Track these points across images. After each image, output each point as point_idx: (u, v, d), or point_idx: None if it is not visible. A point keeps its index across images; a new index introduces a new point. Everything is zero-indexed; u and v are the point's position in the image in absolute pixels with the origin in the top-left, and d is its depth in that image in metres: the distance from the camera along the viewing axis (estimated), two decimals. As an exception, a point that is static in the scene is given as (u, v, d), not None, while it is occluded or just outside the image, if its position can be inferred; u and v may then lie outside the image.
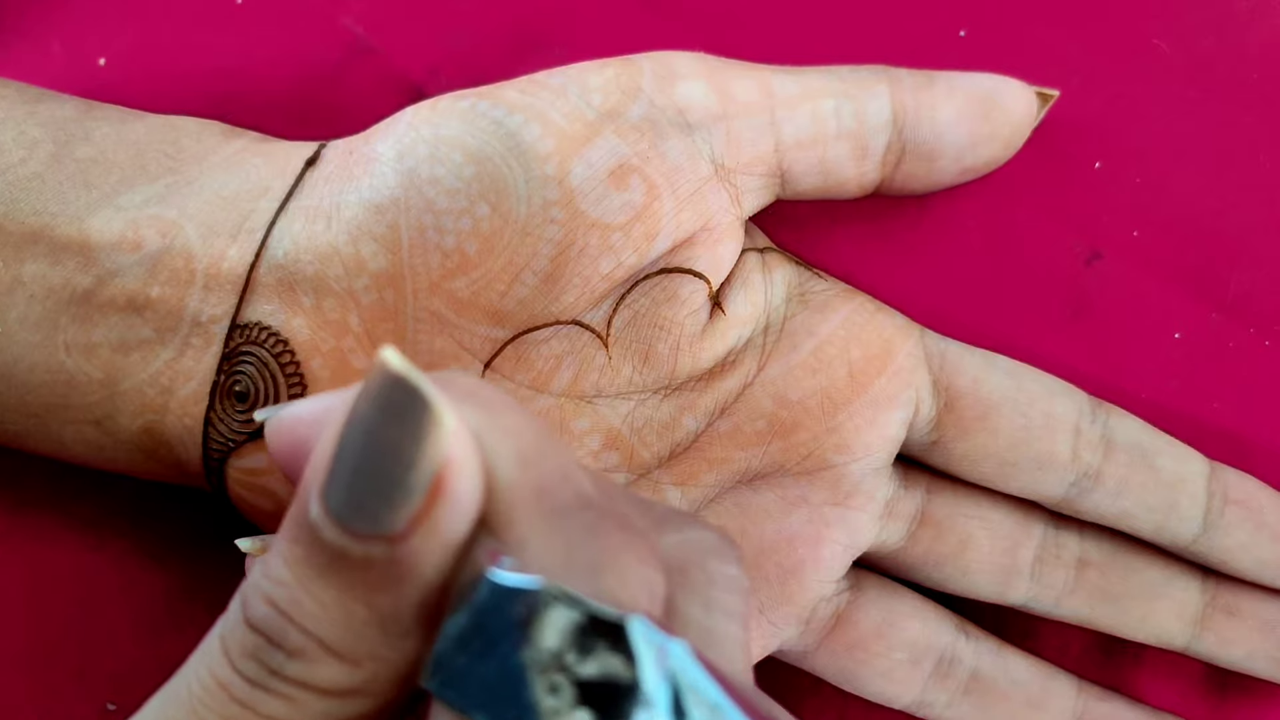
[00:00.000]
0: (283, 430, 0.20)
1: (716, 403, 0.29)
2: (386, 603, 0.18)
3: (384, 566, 0.18)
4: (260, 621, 0.18)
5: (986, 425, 0.29)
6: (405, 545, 0.18)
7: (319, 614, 0.18)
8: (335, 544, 0.18)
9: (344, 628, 0.18)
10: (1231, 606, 0.30)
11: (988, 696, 0.30)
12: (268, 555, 0.19)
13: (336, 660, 0.18)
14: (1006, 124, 0.28)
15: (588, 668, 0.16)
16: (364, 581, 0.18)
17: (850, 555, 0.29)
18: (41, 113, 0.28)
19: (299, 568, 0.18)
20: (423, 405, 0.18)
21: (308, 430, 0.20)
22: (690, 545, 0.20)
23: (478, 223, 0.26)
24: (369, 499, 0.18)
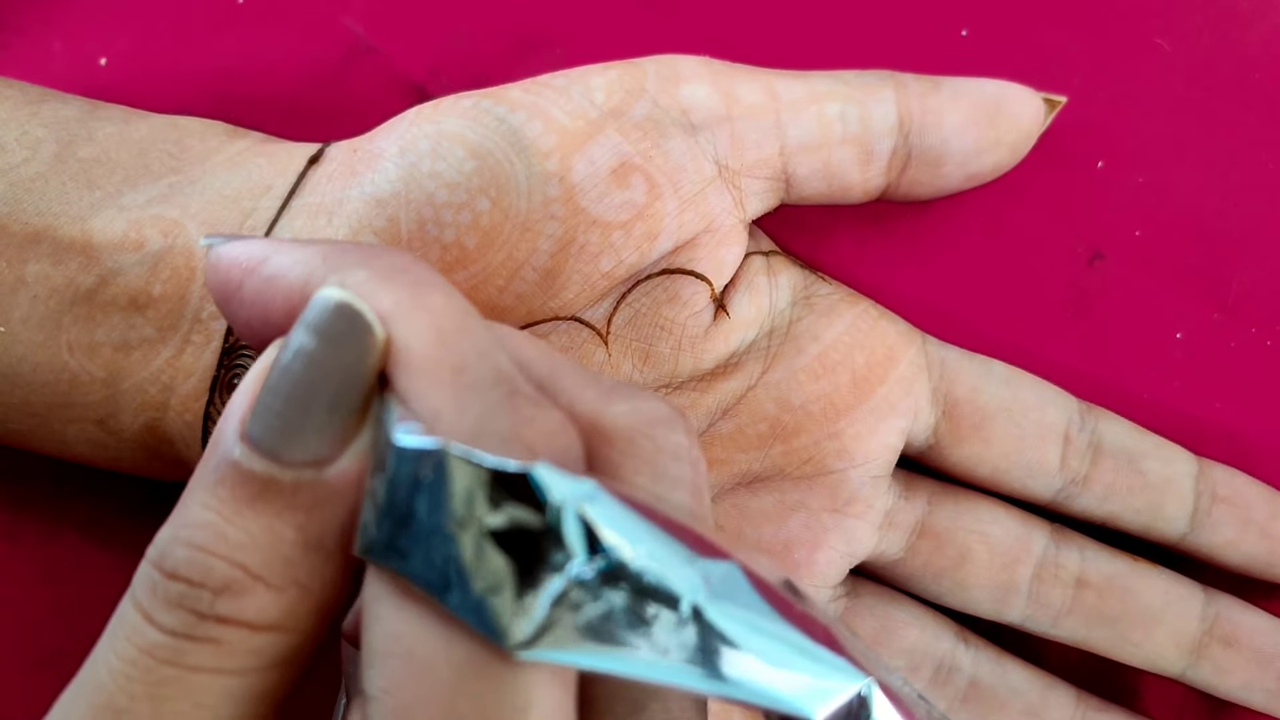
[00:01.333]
0: (219, 268, 0.21)
1: (719, 404, 0.29)
2: (314, 524, 0.18)
3: (312, 489, 0.18)
4: (182, 565, 0.18)
5: (981, 434, 0.30)
6: (334, 466, 0.18)
7: (246, 543, 0.18)
8: (263, 474, 0.18)
9: (271, 553, 0.18)
10: (1229, 636, 0.30)
11: (986, 705, 0.30)
12: (177, 511, 0.19)
13: (264, 587, 0.18)
14: (1013, 130, 0.28)
15: (497, 518, 0.17)
16: (291, 506, 0.18)
17: (848, 562, 0.29)
18: (45, 113, 0.28)
19: (222, 505, 0.18)
20: (363, 329, 0.18)
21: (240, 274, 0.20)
22: (638, 414, 0.20)
23: (478, 217, 0.26)
24: (302, 427, 0.18)
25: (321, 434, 0.18)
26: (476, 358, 0.19)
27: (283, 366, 0.18)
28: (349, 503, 0.19)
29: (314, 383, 0.18)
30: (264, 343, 0.20)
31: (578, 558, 0.16)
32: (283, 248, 0.20)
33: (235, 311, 0.21)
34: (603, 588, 0.17)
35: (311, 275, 0.19)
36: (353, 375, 0.18)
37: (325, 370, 0.18)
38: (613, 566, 0.17)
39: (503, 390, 0.18)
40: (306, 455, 0.18)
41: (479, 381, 0.18)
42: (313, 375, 0.18)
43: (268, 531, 0.18)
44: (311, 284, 0.19)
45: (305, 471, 0.18)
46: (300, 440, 0.18)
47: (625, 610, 0.17)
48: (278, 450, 0.18)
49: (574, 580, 0.16)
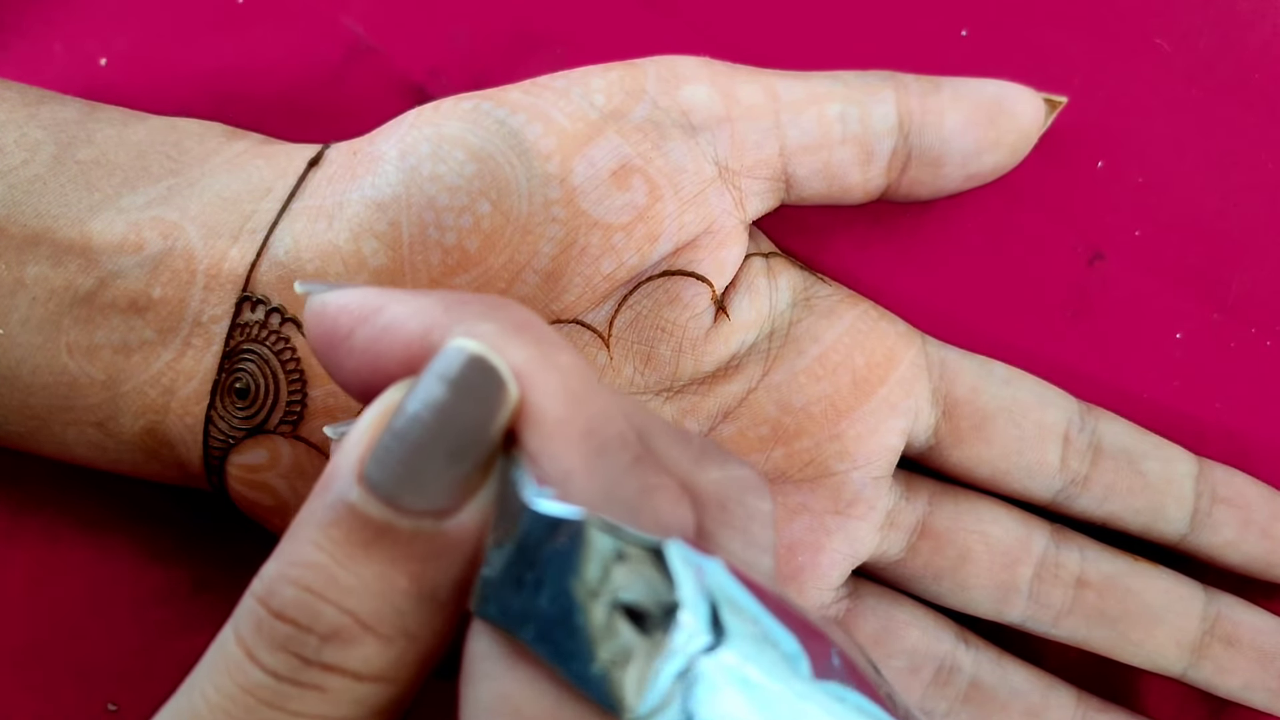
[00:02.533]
0: (326, 315, 0.20)
1: (720, 406, 0.29)
2: (428, 575, 0.18)
3: (431, 539, 0.18)
4: (290, 606, 0.18)
5: (981, 435, 0.30)
6: (454, 518, 0.18)
7: (358, 589, 0.18)
8: (381, 520, 0.18)
9: (382, 602, 0.18)
10: (1230, 636, 0.30)
11: (987, 705, 0.30)
12: (285, 546, 0.19)
13: (373, 637, 0.18)
14: (1013, 131, 0.28)
15: (630, 591, 0.17)
16: (408, 555, 0.18)
17: (850, 564, 0.29)
18: (43, 115, 0.28)
19: (336, 548, 0.18)
20: (498, 384, 0.18)
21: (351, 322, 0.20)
22: (731, 481, 0.20)
23: (479, 220, 0.26)
24: (427, 475, 0.18)
25: (444, 485, 0.18)
26: (605, 420, 0.19)
27: (411, 414, 0.18)
28: (465, 556, 0.18)
29: (442, 433, 0.18)
30: (370, 392, 0.20)
31: (702, 636, 0.17)
32: (399, 296, 0.20)
33: (341, 360, 0.20)
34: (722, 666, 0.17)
35: (433, 325, 0.19)
36: (483, 429, 0.18)
37: (455, 422, 0.18)
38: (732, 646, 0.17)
39: (630, 455, 0.18)
40: (427, 505, 0.18)
41: (608, 445, 0.18)
42: (442, 426, 0.18)
43: (380, 579, 0.18)
44: (433, 334, 0.19)
45: (424, 521, 0.18)
46: (422, 489, 0.18)
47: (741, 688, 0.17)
48: (398, 497, 0.18)
49: (696, 658, 0.17)
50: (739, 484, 0.20)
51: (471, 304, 0.19)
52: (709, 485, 0.20)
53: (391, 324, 0.19)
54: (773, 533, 0.20)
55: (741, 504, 0.20)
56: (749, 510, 0.20)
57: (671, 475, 0.19)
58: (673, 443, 0.20)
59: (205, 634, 0.31)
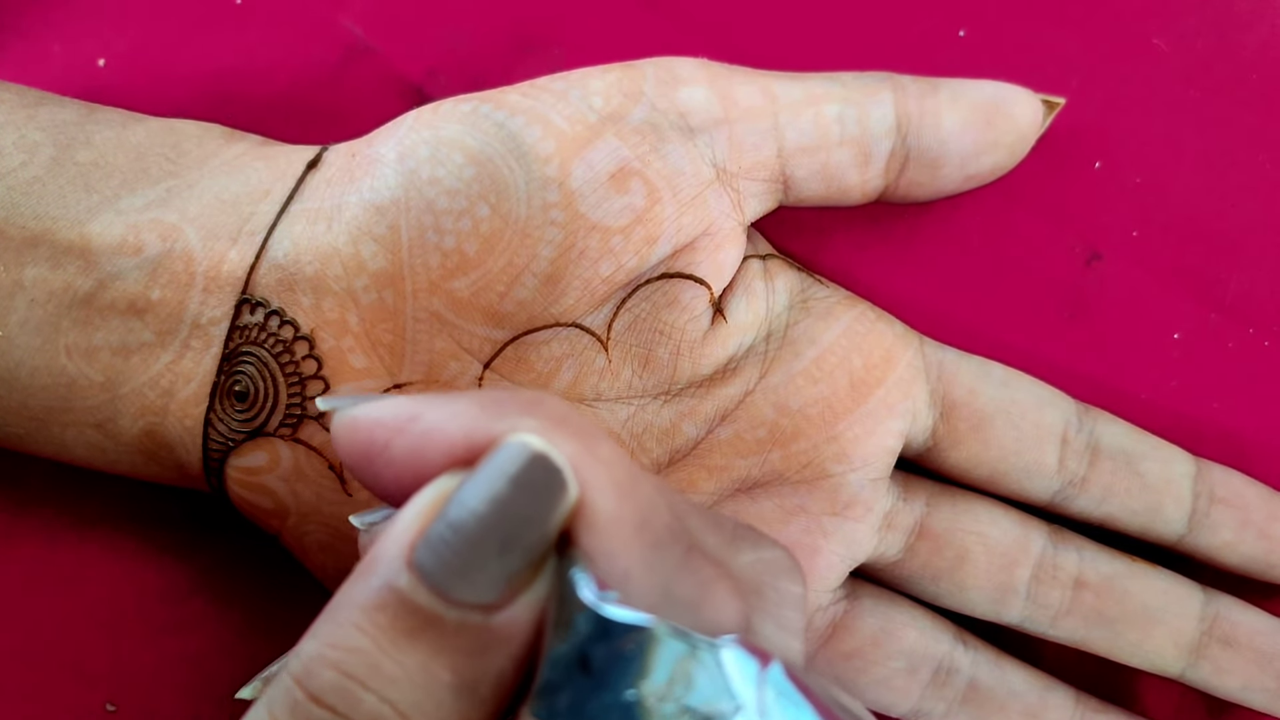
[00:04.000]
0: (358, 429, 0.20)
1: (717, 409, 0.29)
2: (472, 669, 0.18)
3: (477, 633, 0.18)
4: (327, 692, 0.18)
5: (979, 436, 0.30)
6: (503, 613, 0.18)
7: (400, 679, 0.18)
8: (428, 610, 0.18)
9: (424, 693, 0.18)
10: (1229, 636, 0.30)
11: (985, 706, 0.30)
12: (324, 627, 0.18)
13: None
14: (1011, 132, 0.28)
15: (695, 698, 0.17)
16: (453, 648, 0.18)
17: (848, 566, 0.30)
18: (42, 116, 0.28)
19: (380, 634, 0.18)
20: (559, 482, 0.18)
21: (387, 434, 0.20)
22: (765, 565, 0.20)
23: (478, 223, 0.26)
24: (480, 569, 0.18)
25: (496, 579, 0.18)
26: (653, 512, 0.19)
27: (469, 506, 0.18)
28: (510, 653, 0.18)
29: (500, 528, 0.18)
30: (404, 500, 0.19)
31: None
32: (433, 402, 0.19)
33: (380, 471, 0.20)
34: None
35: (473, 426, 0.19)
36: (541, 526, 0.18)
37: (514, 518, 0.18)
38: None
39: (682, 547, 0.18)
40: (477, 598, 0.18)
41: (660, 539, 0.18)
42: (500, 520, 0.18)
43: (423, 670, 0.18)
44: (474, 435, 0.19)
45: (472, 615, 0.18)
46: (473, 582, 0.18)
47: None
48: (448, 588, 0.18)
49: None
50: (773, 568, 0.20)
51: (509, 402, 0.19)
52: (743, 570, 0.20)
53: (430, 430, 0.19)
54: (803, 616, 0.20)
55: (775, 589, 0.20)
56: (781, 595, 0.20)
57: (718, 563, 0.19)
58: (707, 526, 0.20)
59: (204, 634, 0.31)
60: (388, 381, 0.27)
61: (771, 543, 0.21)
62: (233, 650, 0.31)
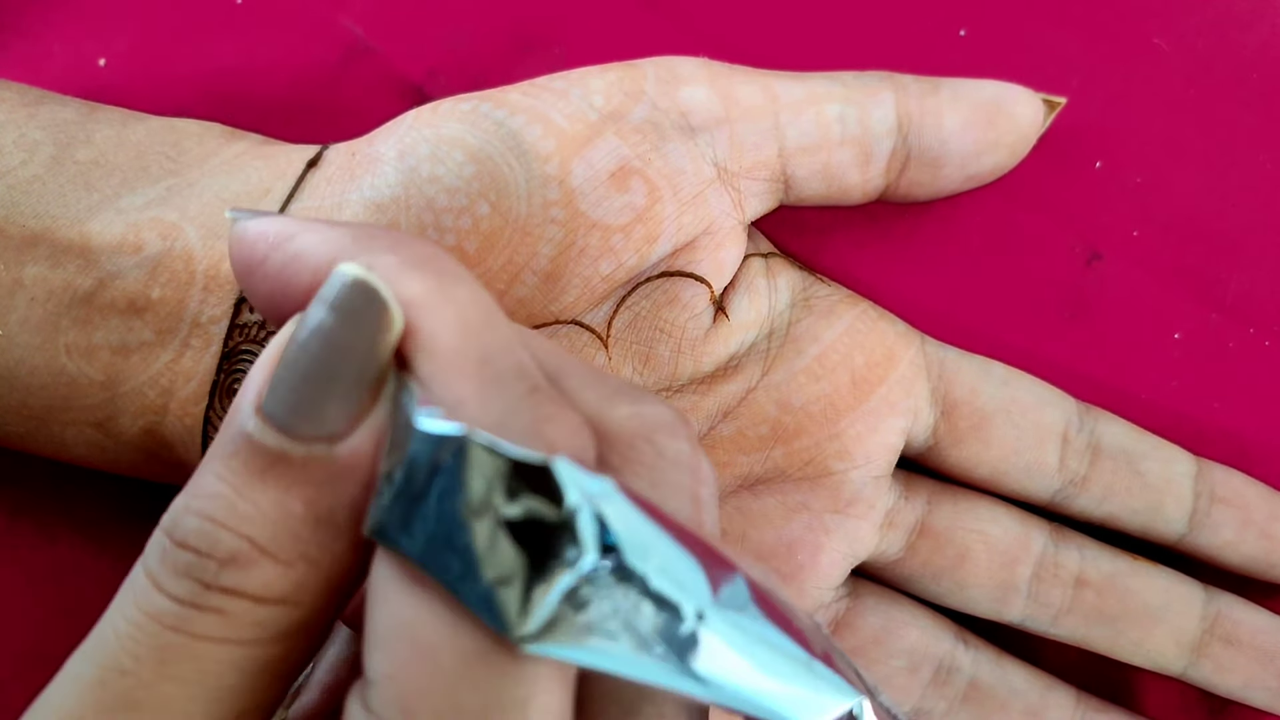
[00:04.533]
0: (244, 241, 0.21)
1: (719, 406, 0.29)
2: (323, 499, 0.19)
3: (324, 464, 0.18)
4: (191, 535, 0.18)
5: (980, 435, 0.30)
6: (345, 442, 0.18)
7: (254, 516, 0.18)
8: (275, 448, 0.18)
9: (279, 527, 0.18)
10: (1230, 635, 0.30)
11: (986, 705, 0.30)
12: (192, 480, 0.19)
13: (270, 561, 0.18)
14: (1012, 131, 0.28)
15: (514, 509, 0.17)
16: (303, 480, 0.18)
17: (849, 563, 0.30)
18: (42, 115, 0.28)
19: (235, 478, 0.18)
20: (380, 307, 0.18)
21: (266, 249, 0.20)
22: (640, 419, 0.20)
23: (478, 221, 0.26)
24: (316, 402, 0.18)
25: (334, 410, 0.18)
26: (501, 351, 0.19)
27: (299, 342, 0.18)
28: (360, 480, 0.19)
29: (328, 359, 0.18)
30: (283, 320, 0.20)
31: (590, 555, 0.16)
32: (310, 226, 0.20)
33: (256, 285, 0.21)
34: (612, 587, 0.17)
35: (339, 255, 0.19)
36: (368, 353, 0.18)
37: (340, 346, 0.18)
38: (624, 566, 0.17)
39: (525, 385, 0.19)
40: (318, 431, 0.18)
41: (503, 375, 0.18)
42: (328, 351, 0.18)
43: (276, 506, 0.18)
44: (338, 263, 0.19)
45: (316, 447, 0.18)
46: (313, 415, 0.18)
47: (631, 611, 0.17)
48: (290, 425, 0.18)
49: (585, 577, 0.16)
50: (649, 422, 0.20)
51: (380, 237, 0.19)
52: (618, 422, 0.20)
53: (300, 251, 0.20)
54: (688, 475, 0.20)
55: (650, 442, 0.20)
56: (659, 448, 0.20)
57: (578, 411, 0.19)
58: (587, 382, 0.20)
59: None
60: None
61: (655, 399, 0.21)
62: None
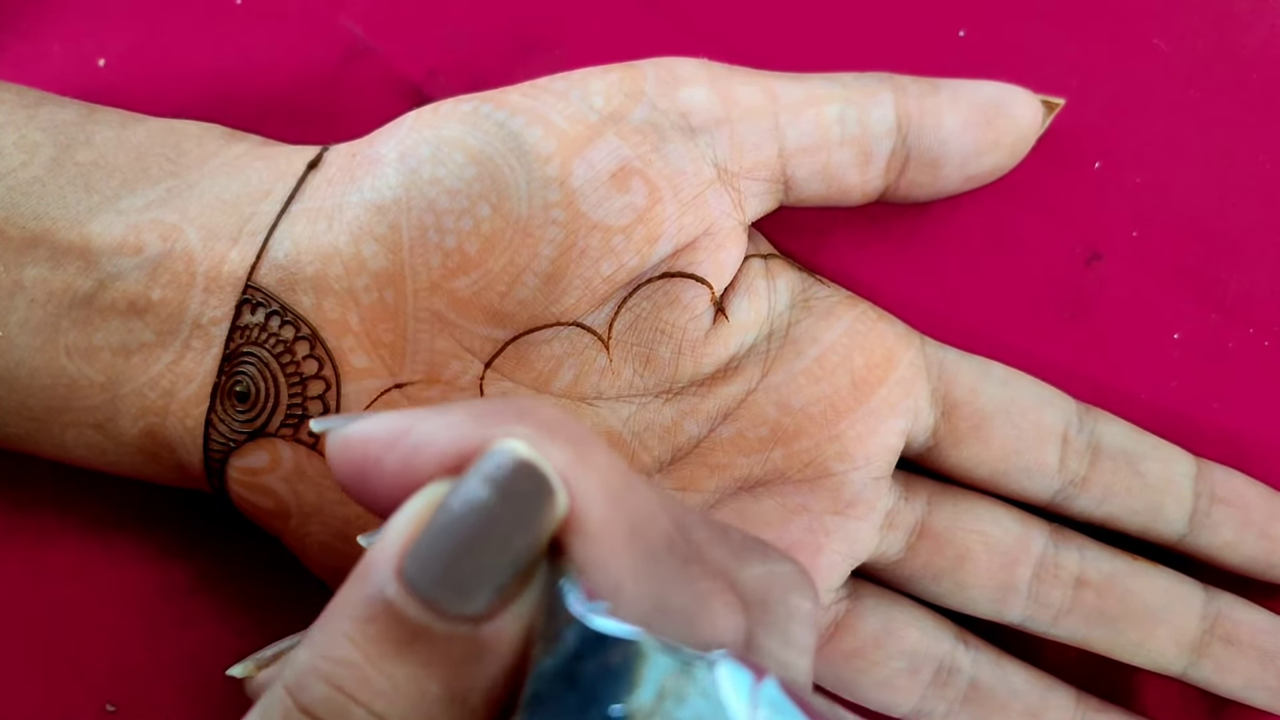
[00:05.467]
0: (351, 447, 0.20)
1: (719, 408, 0.29)
2: (462, 681, 0.18)
3: (466, 644, 0.18)
4: (319, 705, 0.18)
5: (980, 436, 0.30)
6: (492, 624, 0.18)
7: (389, 693, 0.18)
8: (418, 622, 0.18)
9: (413, 706, 0.18)
10: (1230, 635, 0.30)
11: (986, 706, 0.30)
12: (317, 635, 0.18)
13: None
14: (1011, 132, 0.28)
15: (684, 713, 0.17)
16: (442, 659, 0.18)
17: (850, 565, 0.30)
18: (42, 116, 0.28)
19: (370, 646, 0.18)
20: (547, 491, 0.18)
21: (380, 450, 0.19)
22: (772, 579, 0.20)
23: (479, 223, 0.26)
24: (467, 578, 0.17)
25: (486, 590, 0.18)
26: (649, 521, 0.18)
27: (455, 515, 0.18)
28: (500, 664, 0.18)
29: (487, 537, 0.17)
30: None
31: None
32: (426, 414, 0.19)
33: (375, 488, 0.20)
34: None
35: (465, 436, 0.18)
36: (529, 535, 0.18)
37: (500, 526, 0.17)
38: None
39: (677, 558, 0.18)
40: (465, 609, 0.18)
41: (654, 549, 0.18)
42: (487, 530, 0.17)
43: (412, 683, 0.18)
44: (466, 444, 0.18)
45: (461, 626, 0.18)
46: (462, 592, 0.17)
47: None
48: (437, 600, 0.17)
49: None
50: (781, 581, 0.20)
51: (503, 411, 0.19)
52: (750, 583, 0.20)
53: (423, 443, 0.19)
54: (812, 632, 0.20)
55: (783, 603, 0.20)
56: (790, 610, 0.20)
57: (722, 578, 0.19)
58: (711, 537, 0.20)
59: (204, 634, 0.31)
60: (389, 381, 0.27)
61: (781, 556, 0.20)
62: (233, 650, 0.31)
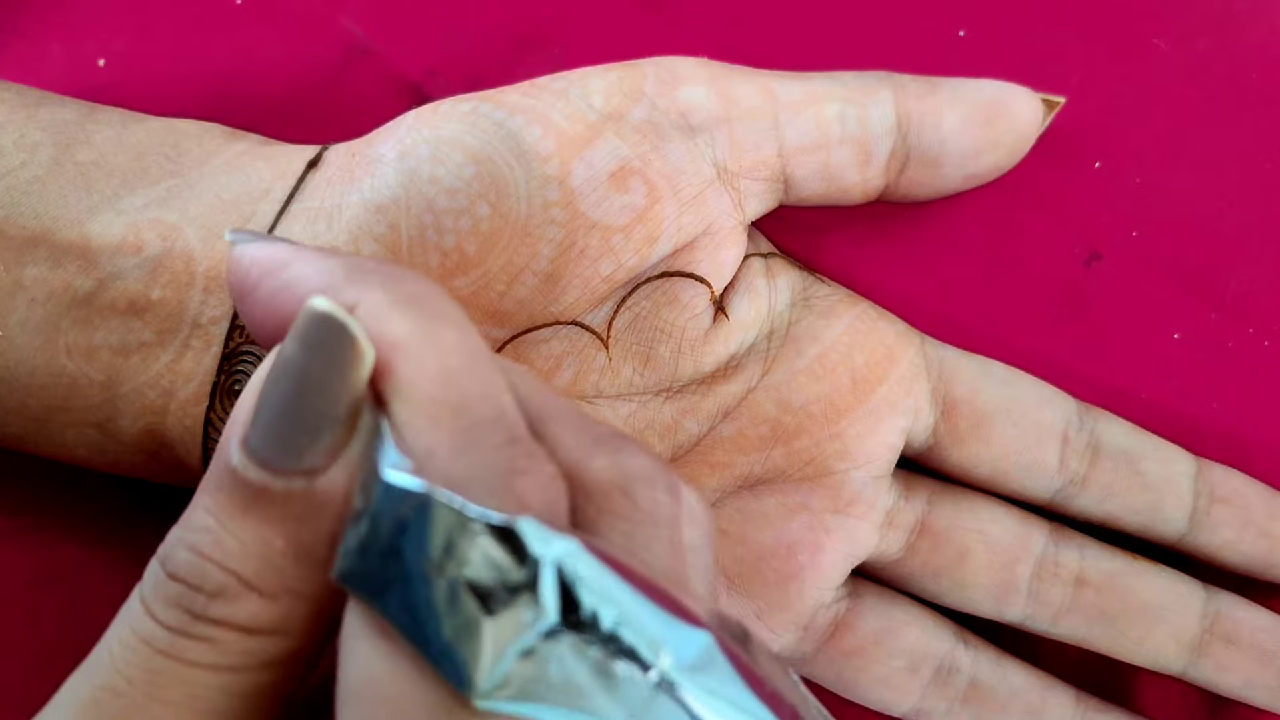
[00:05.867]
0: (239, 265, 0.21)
1: (719, 407, 0.29)
2: (303, 534, 0.19)
3: (302, 499, 0.19)
4: (181, 568, 0.19)
5: (980, 435, 0.30)
6: (323, 477, 0.19)
7: (239, 551, 0.19)
8: (257, 482, 0.19)
9: (263, 561, 0.19)
10: (1230, 634, 0.30)
11: (986, 705, 0.30)
12: (186, 513, 0.20)
13: (256, 595, 0.19)
14: (1011, 131, 0.28)
15: (474, 567, 0.17)
16: (283, 515, 0.19)
17: (850, 563, 0.30)
18: (42, 116, 0.28)
19: (220, 512, 0.19)
20: (348, 341, 0.18)
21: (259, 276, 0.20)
22: (618, 469, 0.20)
23: (478, 222, 0.26)
24: (292, 436, 0.18)
25: (311, 444, 0.19)
26: (479, 400, 0.19)
27: (273, 376, 0.19)
28: (337, 513, 0.19)
29: (301, 393, 0.18)
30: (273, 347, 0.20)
31: (550, 615, 0.17)
32: (305, 254, 0.20)
33: (248, 310, 0.21)
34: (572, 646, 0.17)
35: (329, 286, 0.19)
36: (338, 389, 0.18)
37: (311, 381, 0.18)
38: (585, 626, 0.17)
39: (500, 437, 0.19)
40: (295, 465, 0.19)
41: (477, 426, 0.19)
42: (299, 386, 0.18)
43: (259, 540, 0.19)
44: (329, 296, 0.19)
45: (296, 481, 0.19)
46: (290, 450, 0.19)
47: (594, 672, 0.17)
48: (270, 459, 0.19)
49: (543, 636, 0.17)
50: (627, 473, 0.20)
51: (373, 272, 0.20)
52: (595, 472, 0.20)
53: (293, 281, 0.20)
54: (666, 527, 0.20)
55: (627, 494, 0.20)
56: (635, 501, 0.20)
57: (555, 461, 0.19)
58: (570, 429, 0.20)
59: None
60: None
61: (638, 450, 0.20)
62: (233, 650, 0.31)
